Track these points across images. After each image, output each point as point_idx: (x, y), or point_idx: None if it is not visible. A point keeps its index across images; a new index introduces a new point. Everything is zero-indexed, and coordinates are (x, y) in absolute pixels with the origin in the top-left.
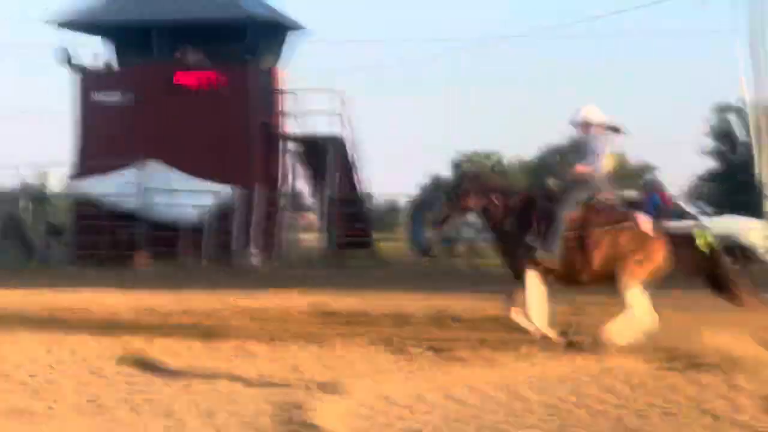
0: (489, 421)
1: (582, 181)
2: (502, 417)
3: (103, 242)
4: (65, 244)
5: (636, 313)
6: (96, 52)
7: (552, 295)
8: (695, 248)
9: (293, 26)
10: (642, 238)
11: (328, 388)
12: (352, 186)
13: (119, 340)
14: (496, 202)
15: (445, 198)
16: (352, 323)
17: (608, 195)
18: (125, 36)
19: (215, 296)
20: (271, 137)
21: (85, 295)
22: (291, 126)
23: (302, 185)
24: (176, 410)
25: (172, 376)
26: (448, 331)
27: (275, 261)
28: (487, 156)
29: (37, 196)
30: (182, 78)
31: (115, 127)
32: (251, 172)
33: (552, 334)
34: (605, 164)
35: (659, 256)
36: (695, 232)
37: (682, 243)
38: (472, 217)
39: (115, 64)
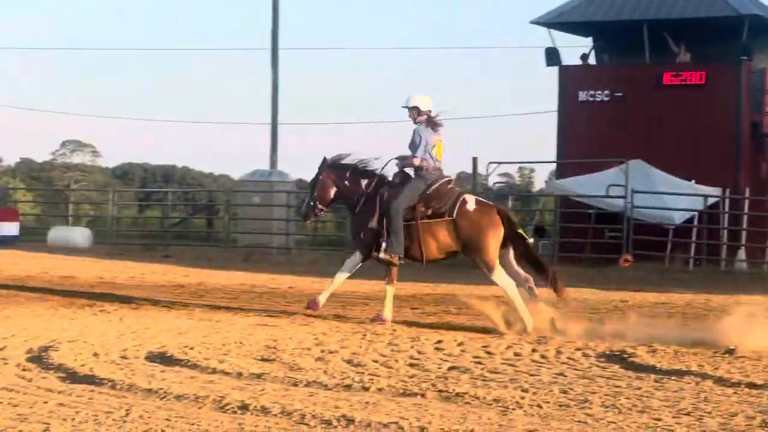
0: None
1: (418, 174)
2: None
3: (587, 243)
4: (551, 244)
5: (510, 289)
6: (582, 52)
7: None
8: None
9: None
10: (473, 226)
11: None
12: None
13: (601, 337)
14: (349, 185)
15: (309, 187)
16: None
17: (445, 183)
18: (612, 35)
19: (701, 298)
20: (760, 138)
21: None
22: None
23: None
24: (653, 407)
25: (650, 373)
26: None
27: (764, 265)
28: None
29: (523, 195)
30: (671, 77)
31: (599, 125)
32: (739, 174)
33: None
34: (436, 153)
35: (493, 239)
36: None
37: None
38: None
39: (600, 63)
